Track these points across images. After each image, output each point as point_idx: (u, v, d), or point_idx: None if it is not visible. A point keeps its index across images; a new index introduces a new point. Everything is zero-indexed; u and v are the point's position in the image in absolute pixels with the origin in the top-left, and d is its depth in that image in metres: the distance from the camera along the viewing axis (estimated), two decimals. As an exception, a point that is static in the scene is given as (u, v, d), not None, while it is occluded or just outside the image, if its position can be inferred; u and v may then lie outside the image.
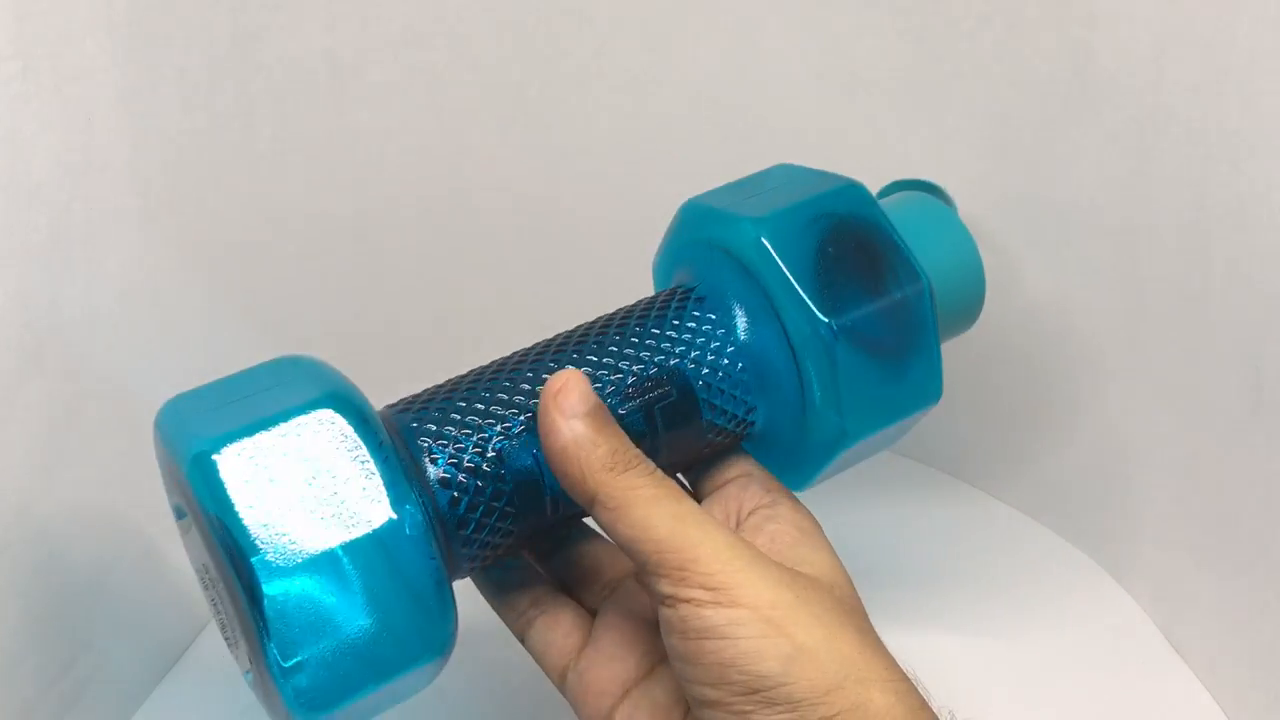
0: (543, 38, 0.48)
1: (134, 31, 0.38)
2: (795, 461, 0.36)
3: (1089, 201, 0.44)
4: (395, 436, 0.33)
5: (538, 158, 0.50)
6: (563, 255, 0.53)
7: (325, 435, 0.29)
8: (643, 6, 0.47)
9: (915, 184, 0.42)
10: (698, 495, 0.37)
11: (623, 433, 0.32)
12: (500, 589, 0.37)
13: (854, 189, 0.36)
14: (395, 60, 0.47)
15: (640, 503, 0.30)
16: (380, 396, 0.54)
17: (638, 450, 0.32)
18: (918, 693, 0.29)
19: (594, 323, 0.36)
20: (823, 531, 0.34)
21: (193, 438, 0.29)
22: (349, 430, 0.29)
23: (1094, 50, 0.41)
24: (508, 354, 0.36)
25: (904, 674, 0.29)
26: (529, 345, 0.36)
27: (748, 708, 0.28)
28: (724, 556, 0.29)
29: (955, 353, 0.50)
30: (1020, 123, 0.44)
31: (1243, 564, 0.41)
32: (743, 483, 0.35)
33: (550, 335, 0.37)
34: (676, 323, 0.35)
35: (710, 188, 0.38)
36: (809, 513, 0.34)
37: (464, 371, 0.36)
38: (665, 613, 0.30)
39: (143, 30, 0.38)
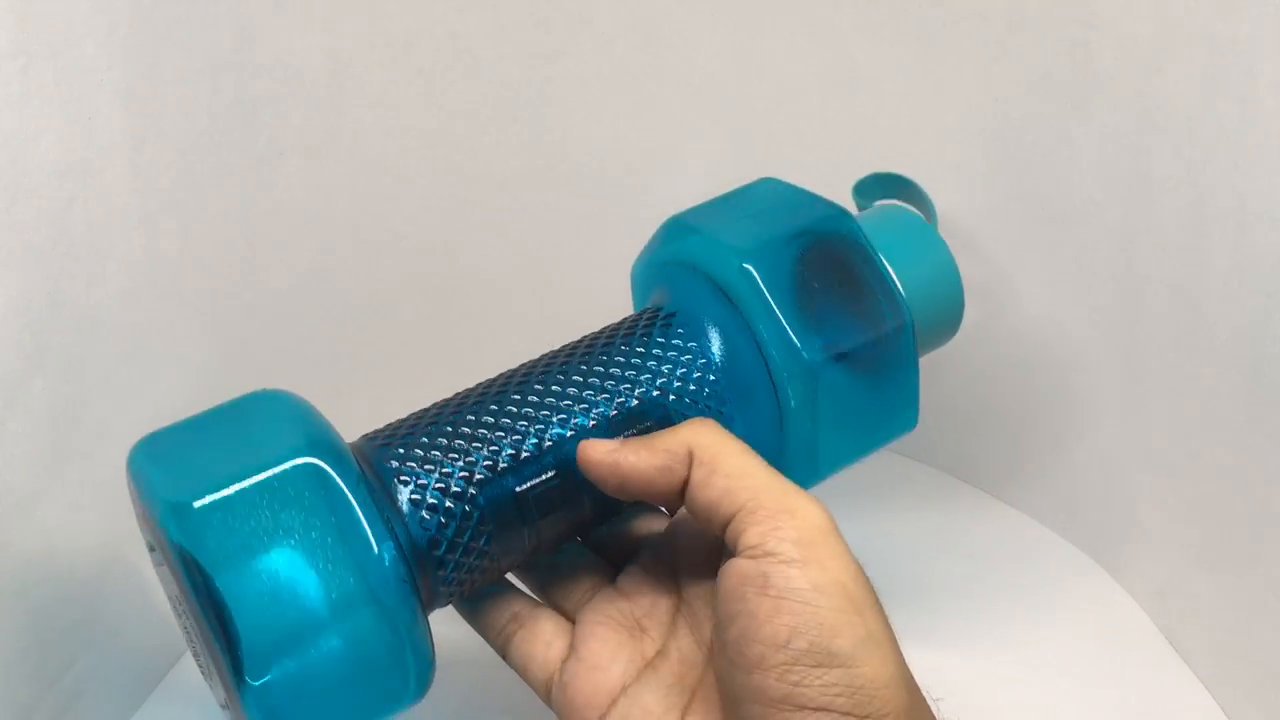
0: (542, 38, 0.48)
1: (134, 31, 0.38)
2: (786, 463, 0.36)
3: (1089, 201, 0.44)
4: (367, 467, 0.33)
5: (537, 158, 0.50)
6: (563, 255, 0.53)
7: (304, 486, 0.29)
8: (642, 6, 0.47)
9: (891, 178, 0.41)
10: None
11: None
12: (476, 606, 0.36)
13: (841, 218, 0.36)
14: (395, 60, 0.47)
15: (736, 451, 0.30)
16: (377, 392, 0.54)
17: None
18: (932, 715, 0.29)
19: (560, 351, 0.36)
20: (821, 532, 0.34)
21: (171, 491, 0.28)
22: (328, 477, 0.29)
23: (1094, 50, 0.41)
24: (474, 384, 0.36)
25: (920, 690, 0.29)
26: (495, 375, 0.36)
27: (805, 681, 0.27)
28: (818, 515, 0.29)
29: (955, 355, 0.50)
30: (1020, 122, 0.44)
31: (1243, 564, 0.41)
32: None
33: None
34: (641, 349, 0.35)
35: (710, 188, 0.38)
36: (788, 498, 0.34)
37: (438, 397, 0.36)
38: (743, 565, 0.28)
39: (143, 30, 0.38)
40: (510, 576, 0.37)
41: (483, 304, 0.53)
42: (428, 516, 0.32)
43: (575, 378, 0.35)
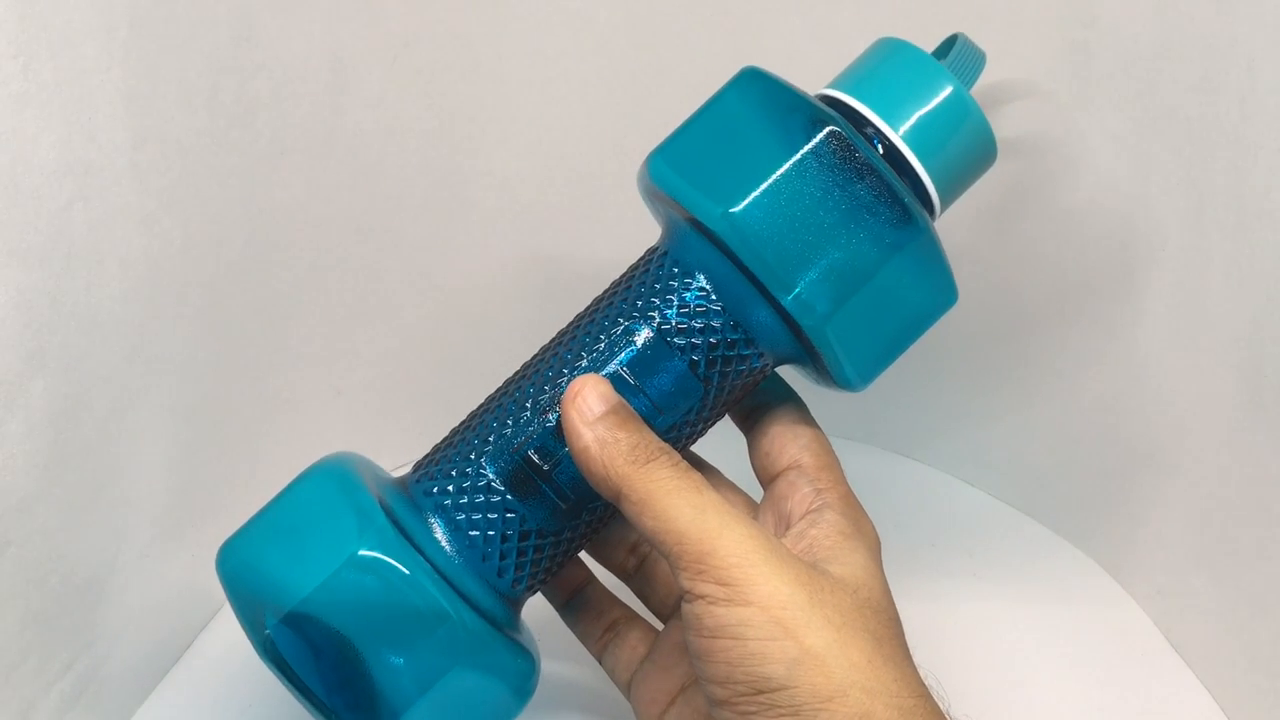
0: (542, 38, 0.48)
1: (134, 31, 0.38)
2: (825, 362, 0.34)
3: (1089, 202, 0.44)
4: (409, 500, 0.34)
5: (538, 158, 0.50)
6: (564, 256, 0.52)
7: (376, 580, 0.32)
8: (642, 6, 0.47)
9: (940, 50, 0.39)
10: (758, 479, 0.36)
11: (646, 427, 0.32)
12: (580, 619, 0.39)
13: (744, 74, 0.35)
14: (395, 60, 0.47)
15: (662, 494, 0.30)
16: (377, 392, 0.54)
17: (662, 443, 0.32)
18: (926, 713, 0.29)
19: (566, 330, 0.36)
20: (866, 534, 0.33)
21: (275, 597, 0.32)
22: (391, 568, 0.32)
23: (1094, 50, 0.41)
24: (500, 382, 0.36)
25: (916, 690, 0.29)
26: (516, 369, 0.36)
27: (751, 709, 0.28)
28: (741, 550, 0.29)
29: (954, 355, 0.50)
30: (1020, 124, 0.44)
31: (1243, 564, 0.41)
32: (791, 478, 0.34)
33: (549, 336, 0.37)
34: (628, 290, 0.35)
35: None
36: (855, 514, 0.34)
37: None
38: (684, 608, 0.30)
39: (143, 30, 0.38)
40: (612, 584, 0.40)
41: (483, 304, 0.53)
42: (456, 528, 0.33)
43: (569, 336, 0.35)
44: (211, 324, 0.44)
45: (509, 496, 0.33)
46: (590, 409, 0.32)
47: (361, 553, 0.32)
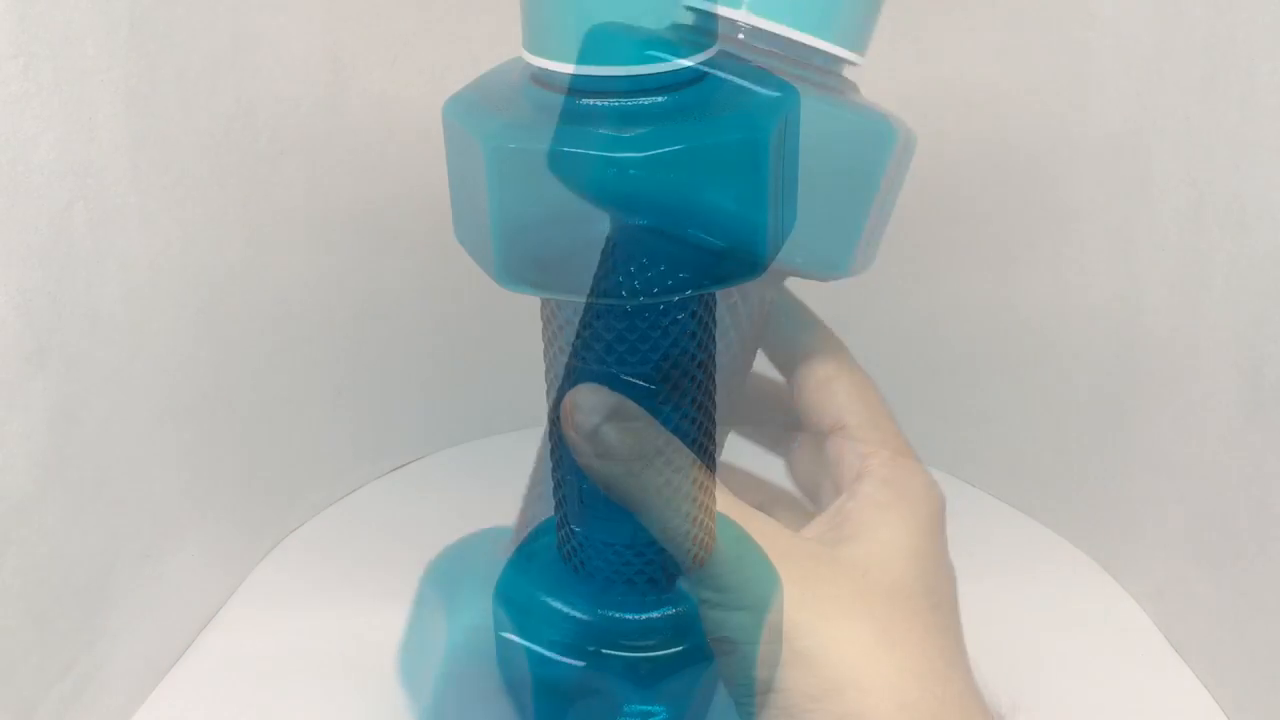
0: (543, 38, 0.48)
1: (134, 31, 0.38)
2: (790, 247, 0.30)
3: (1089, 201, 0.44)
4: None
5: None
6: (563, 255, 0.52)
7: None
8: (643, 6, 0.47)
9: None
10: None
11: (646, 425, 0.31)
12: None
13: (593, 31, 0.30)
14: (395, 60, 0.47)
15: (664, 498, 0.30)
16: (377, 392, 0.54)
17: (664, 440, 0.31)
18: (928, 707, 0.28)
19: (547, 346, 0.35)
20: (911, 498, 0.31)
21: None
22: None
23: (1094, 50, 0.41)
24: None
25: (923, 678, 0.29)
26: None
27: (749, 709, 0.29)
28: (735, 551, 0.29)
29: (953, 355, 0.50)
30: (1021, 123, 0.44)
31: (1243, 564, 0.41)
32: (838, 442, 0.33)
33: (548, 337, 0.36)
34: (595, 281, 0.33)
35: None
36: (900, 476, 0.32)
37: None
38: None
39: (143, 30, 0.38)
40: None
41: (483, 304, 0.53)
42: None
43: (555, 349, 0.34)
44: (211, 324, 0.44)
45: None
46: (586, 420, 0.31)
47: None
